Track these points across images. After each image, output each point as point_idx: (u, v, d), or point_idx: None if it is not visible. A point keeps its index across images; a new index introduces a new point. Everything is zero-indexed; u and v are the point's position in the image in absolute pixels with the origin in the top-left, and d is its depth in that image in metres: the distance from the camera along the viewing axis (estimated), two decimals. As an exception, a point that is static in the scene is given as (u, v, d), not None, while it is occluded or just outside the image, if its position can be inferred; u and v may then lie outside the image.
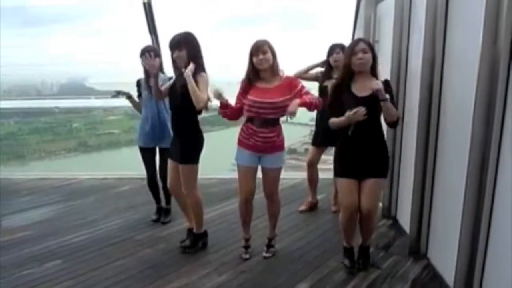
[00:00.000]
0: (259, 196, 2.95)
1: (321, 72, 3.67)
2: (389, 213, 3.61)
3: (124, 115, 6.77)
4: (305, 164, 3.91)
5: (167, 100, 3.14)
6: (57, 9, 5.61)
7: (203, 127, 2.98)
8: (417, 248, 2.92)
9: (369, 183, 2.56)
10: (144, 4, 4.48)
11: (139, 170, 3.79)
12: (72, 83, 7.12)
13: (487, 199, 2.07)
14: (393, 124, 2.57)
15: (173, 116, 2.95)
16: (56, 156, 7.45)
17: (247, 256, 2.98)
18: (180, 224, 3.54)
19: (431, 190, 2.78)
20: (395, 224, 3.50)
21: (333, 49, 3.53)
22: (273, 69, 2.70)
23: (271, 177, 2.86)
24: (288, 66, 3.71)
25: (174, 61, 2.84)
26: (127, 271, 2.86)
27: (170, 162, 3.05)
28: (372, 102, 2.43)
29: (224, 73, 2.90)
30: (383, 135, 2.63)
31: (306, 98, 2.63)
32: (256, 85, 2.73)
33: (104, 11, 5.56)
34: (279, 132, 2.77)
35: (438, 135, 2.67)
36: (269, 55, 2.65)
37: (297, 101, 2.60)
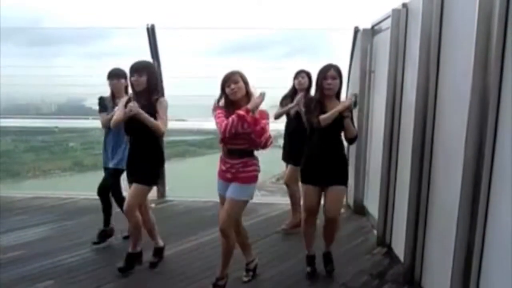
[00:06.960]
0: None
1: (284, 97, 3.90)
2: (384, 241, 3.61)
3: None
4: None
5: None
6: (62, 32, 5.75)
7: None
8: (411, 277, 2.92)
9: (332, 191, 2.91)
10: (147, 29, 4.60)
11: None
12: (71, 104, 7.18)
13: (479, 228, 2.10)
14: (352, 140, 2.97)
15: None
16: (51, 175, 7.41)
17: None
18: (174, 247, 3.53)
19: (425, 219, 2.81)
20: (390, 252, 3.50)
21: (299, 73, 3.81)
22: (248, 98, 2.59)
23: (228, 207, 2.63)
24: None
25: (132, 85, 2.92)
26: (120, 294, 2.83)
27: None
28: (334, 120, 2.78)
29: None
30: (343, 149, 3.00)
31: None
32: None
33: (107, 35, 5.70)
34: (246, 164, 2.65)
35: (432, 164, 2.72)
36: (241, 84, 2.57)
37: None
